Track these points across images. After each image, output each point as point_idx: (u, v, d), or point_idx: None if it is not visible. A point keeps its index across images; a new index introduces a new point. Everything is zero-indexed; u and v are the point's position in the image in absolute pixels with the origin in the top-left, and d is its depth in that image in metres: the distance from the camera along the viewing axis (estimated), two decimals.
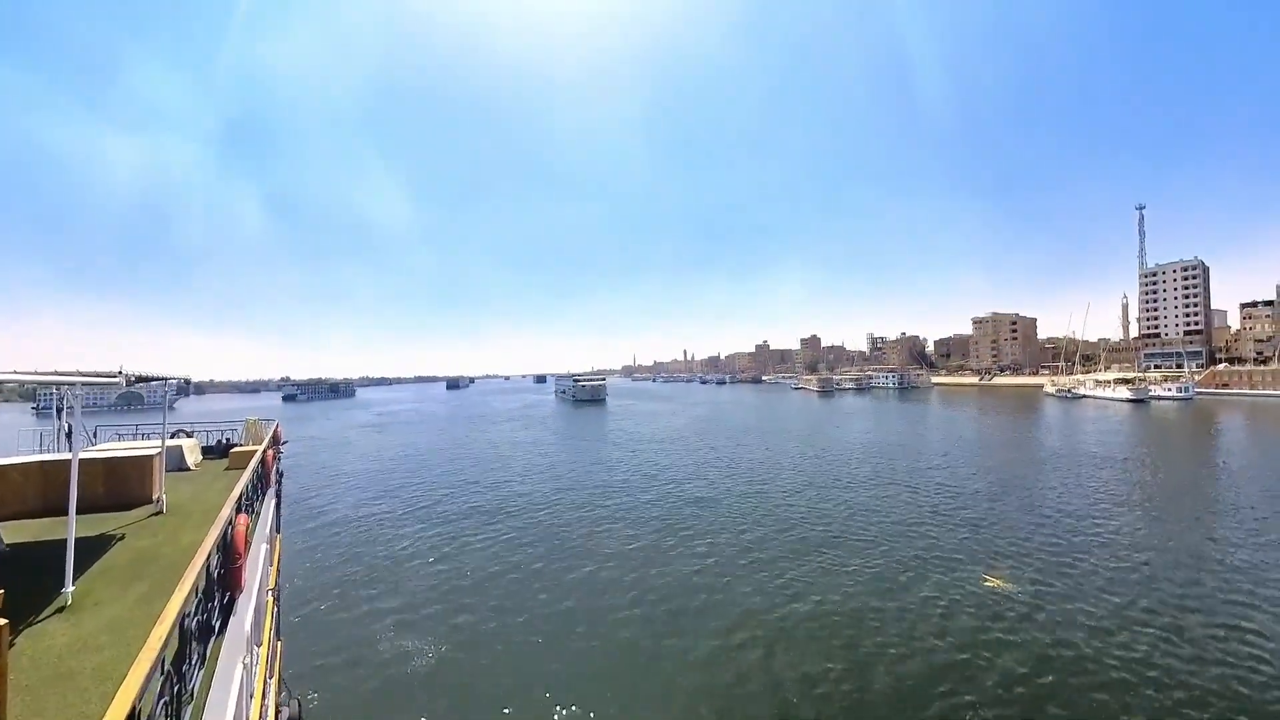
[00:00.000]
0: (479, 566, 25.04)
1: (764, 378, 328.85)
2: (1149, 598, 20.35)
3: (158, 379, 11.50)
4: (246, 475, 10.73)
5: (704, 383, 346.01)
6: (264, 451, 14.82)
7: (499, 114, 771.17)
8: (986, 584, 21.71)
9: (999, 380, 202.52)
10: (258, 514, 11.85)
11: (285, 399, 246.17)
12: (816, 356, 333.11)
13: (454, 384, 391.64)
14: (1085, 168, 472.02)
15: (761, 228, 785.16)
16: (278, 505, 17.95)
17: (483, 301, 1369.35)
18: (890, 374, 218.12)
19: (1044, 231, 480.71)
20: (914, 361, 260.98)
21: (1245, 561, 23.81)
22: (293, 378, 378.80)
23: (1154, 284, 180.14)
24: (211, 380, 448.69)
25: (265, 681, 9.73)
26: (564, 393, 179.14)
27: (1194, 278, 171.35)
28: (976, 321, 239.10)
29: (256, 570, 10.09)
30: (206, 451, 19.29)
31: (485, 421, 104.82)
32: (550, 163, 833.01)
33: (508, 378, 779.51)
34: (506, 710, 14.78)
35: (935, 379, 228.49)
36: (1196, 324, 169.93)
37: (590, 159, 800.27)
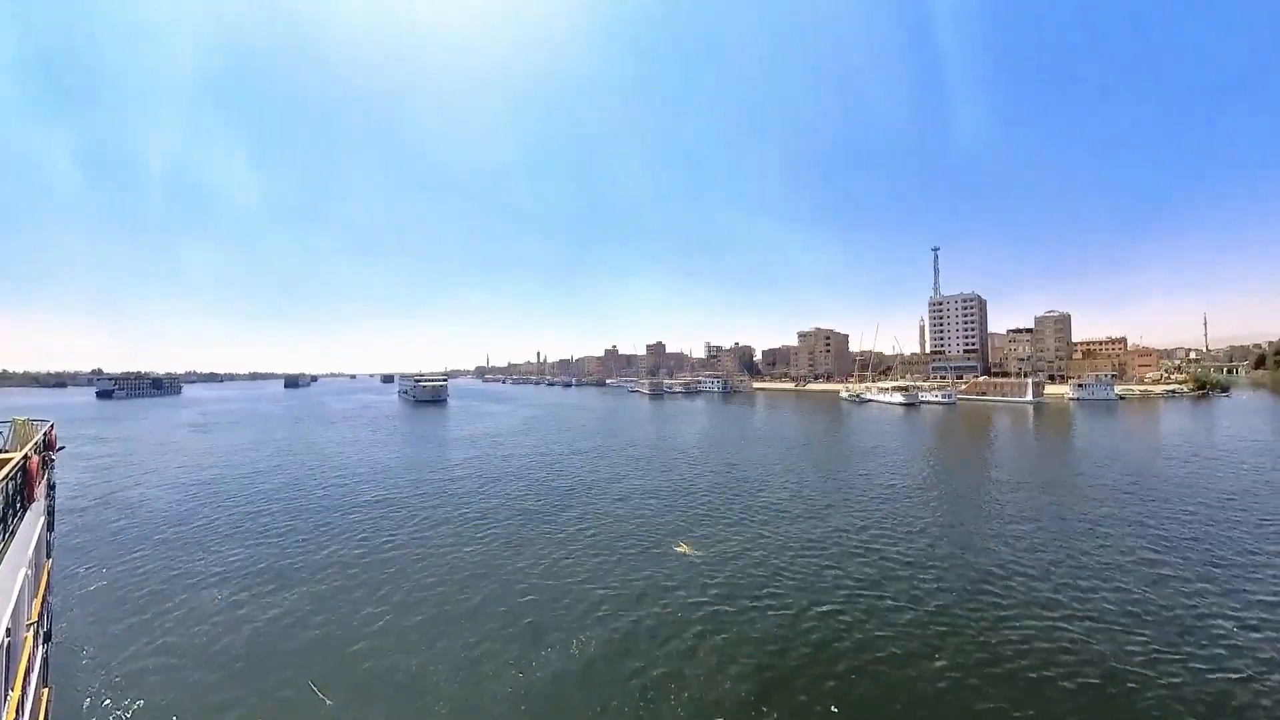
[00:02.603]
0: (289, 581, 23.87)
1: (608, 381, 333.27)
2: (822, 555, 26.20)
3: None
4: None
5: (551, 385, 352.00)
6: (24, 459, 11.29)
7: (362, 95, 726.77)
8: (678, 550, 26.62)
9: (811, 386, 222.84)
10: (12, 533, 9.55)
11: (100, 395, 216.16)
12: (659, 362, 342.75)
13: (293, 382, 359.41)
14: (909, 213, 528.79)
15: (625, 234, 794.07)
16: (49, 523, 14.92)
17: (332, 293, 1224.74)
18: (716, 379, 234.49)
19: (883, 261, 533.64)
20: (743, 369, 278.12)
21: (897, 512, 33.46)
22: (107, 370, 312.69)
23: (940, 311, 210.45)
24: (4, 371, 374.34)
25: None
26: (406, 393, 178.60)
27: (971, 307, 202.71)
28: (801, 335, 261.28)
29: (8, 602, 8.62)
30: None
31: (318, 422, 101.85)
32: (414, 151, 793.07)
33: (354, 377, 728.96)
34: None
35: (758, 384, 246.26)
36: (973, 344, 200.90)
37: (457, 152, 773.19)
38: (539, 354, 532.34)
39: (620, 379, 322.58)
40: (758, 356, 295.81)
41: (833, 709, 14.62)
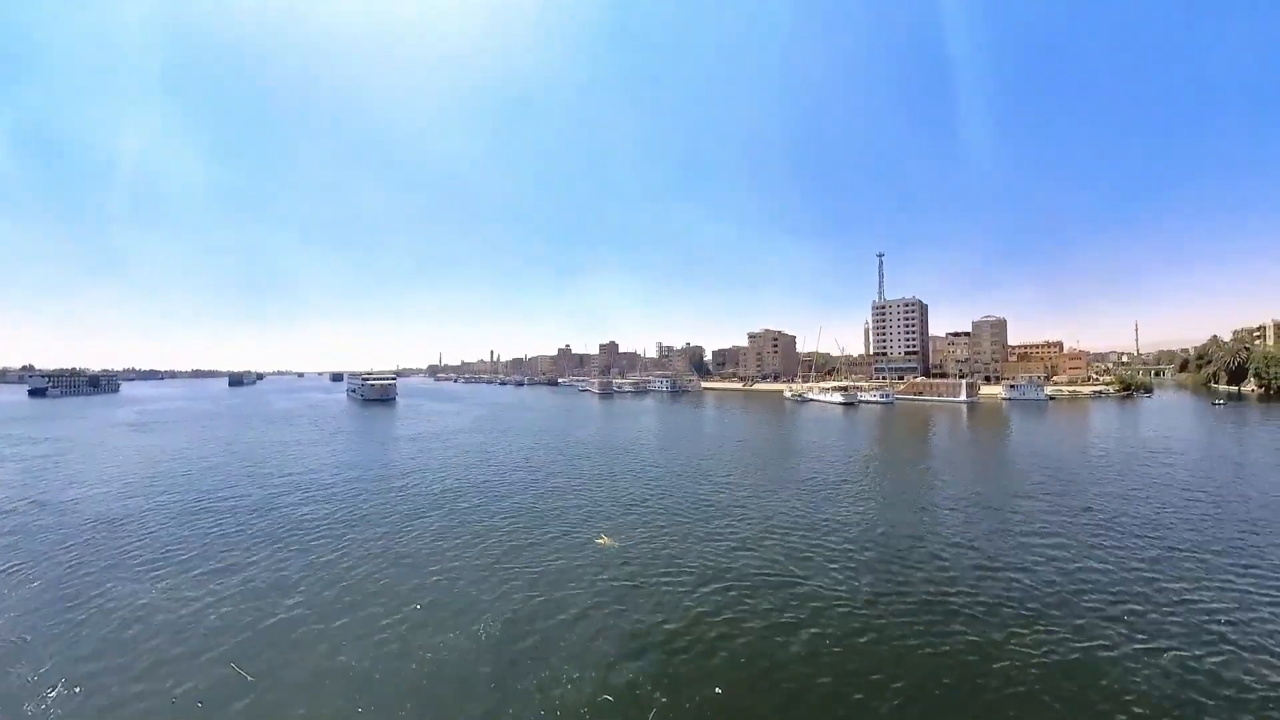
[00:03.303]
0: (219, 576, 24.20)
1: (560, 380, 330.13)
2: (733, 540, 28.56)
3: None
4: None
5: (503, 384, 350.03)
6: None
7: (316, 83, 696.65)
8: (598, 542, 27.93)
9: (758, 386, 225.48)
10: None
11: (32, 393, 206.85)
12: (611, 361, 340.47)
13: (237, 380, 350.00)
14: (862, 218, 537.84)
15: (582, 234, 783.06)
16: None
17: (281, 288, 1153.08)
18: (665, 379, 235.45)
19: (836, 265, 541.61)
20: (693, 369, 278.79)
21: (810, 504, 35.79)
22: (39, 367, 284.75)
23: (883, 315, 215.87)
24: None
25: None
26: (354, 392, 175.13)
27: (912, 312, 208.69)
28: (751, 336, 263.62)
29: None
30: None
31: (260, 421, 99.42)
32: (369, 144, 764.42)
33: (302, 375, 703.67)
34: None
35: (707, 384, 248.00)
36: (914, 346, 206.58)
37: (412, 146, 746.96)
38: (492, 353, 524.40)
39: (572, 378, 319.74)
40: (708, 357, 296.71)
41: (716, 690, 15.56)
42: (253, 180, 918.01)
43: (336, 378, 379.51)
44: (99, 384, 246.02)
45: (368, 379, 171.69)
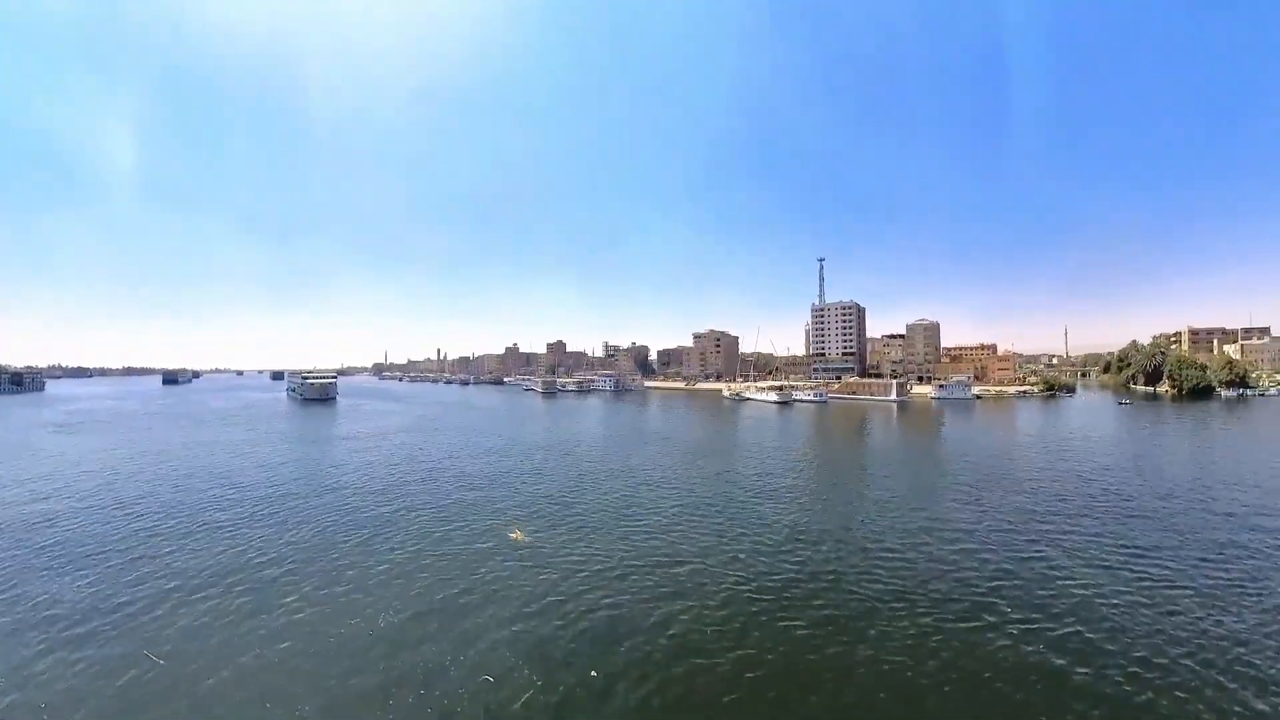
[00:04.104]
0: (137, 578, 24.40)
1: (506, 379, 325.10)
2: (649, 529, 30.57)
3: None
4: None
5: (448, 383, 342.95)
6: None
7: (253, 66, 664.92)
8: (510, 536, 29.13)
9: (701, 385, 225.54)
10: None
11: None
12: (558, 360, 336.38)
13: (172, 378, 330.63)
14: (810, 222, 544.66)
15: (532, 233, 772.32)
16: None
17: (220, 282, 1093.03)
18: (609, 378, 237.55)
19: (783, 266, 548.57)
20: (638, 368, 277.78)
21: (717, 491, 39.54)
22: None
23: (822, 317, 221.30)
24: None
25: None
26: (293, 391, 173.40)
27: (849, 314, 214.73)
28: (696, 336, 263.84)
29: None
30: None
31: (192, 422, 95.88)
32: (307, 132, 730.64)
33: (241, 373, 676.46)
34: None
35: (651, 383, 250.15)
36: (851, 348, 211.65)
37: (355, 136, 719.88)
38: (439, 351, 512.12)
39: (518, 377, 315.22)
40: (654, 356, 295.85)
41: (591, 673, 16.48)
42: (188, 166, 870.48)
43: (277, 376, 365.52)
44: (22, 382, 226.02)
45: (307, 378, 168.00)
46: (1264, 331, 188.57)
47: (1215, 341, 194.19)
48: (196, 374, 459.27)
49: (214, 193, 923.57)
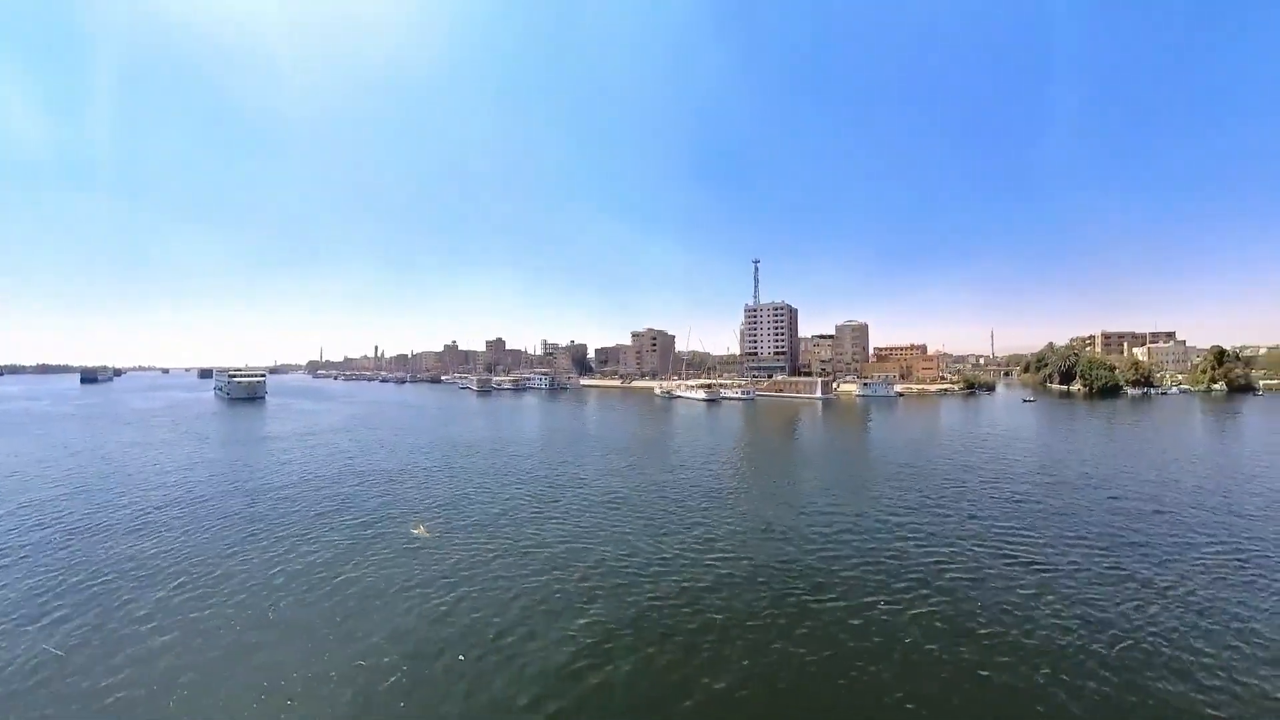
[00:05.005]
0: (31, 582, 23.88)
1: (443, 377, 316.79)
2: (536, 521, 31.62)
3: None
4: None
5: (384, 381, 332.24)
6: None
7: (184, 44, 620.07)
8: (414, 531, 29.47)
9: (636, 384, 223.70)
10: None
11: None
12: (497, 358, 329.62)
13: (91, 376, 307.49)
14: (750, 223, 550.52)
15: (473, 229, 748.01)
16: None
17: (144, 273, 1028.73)
18: (544, 376, 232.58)
19: (724, 265, 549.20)
20: (576, 366, 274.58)
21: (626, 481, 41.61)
22: None
23: (755, 317, 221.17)
24: None
25: None
26: (220, 390, 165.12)
27: (781, 314, 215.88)
28: (634, 335, 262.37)
29: None
30: None
31: (111, 423, 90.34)
32: (239, 112, 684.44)
33: (167, 371, 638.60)
34: None
35: (588, 381, 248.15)
36: (782, 347, 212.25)
37: (294, 122, 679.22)
38: (377, 348, 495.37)
39: (456, 375, 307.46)
40: (591, 354, 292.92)
41: (459, 656, 17.35)
42: (108, 148, 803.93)
43: (205, 374, 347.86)
44: None
45: (234, 376, 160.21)
46: (1170, 336, 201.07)
47: (1126, 344, 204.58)
48: (119, 372, 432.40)
49: (138, 178, 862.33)
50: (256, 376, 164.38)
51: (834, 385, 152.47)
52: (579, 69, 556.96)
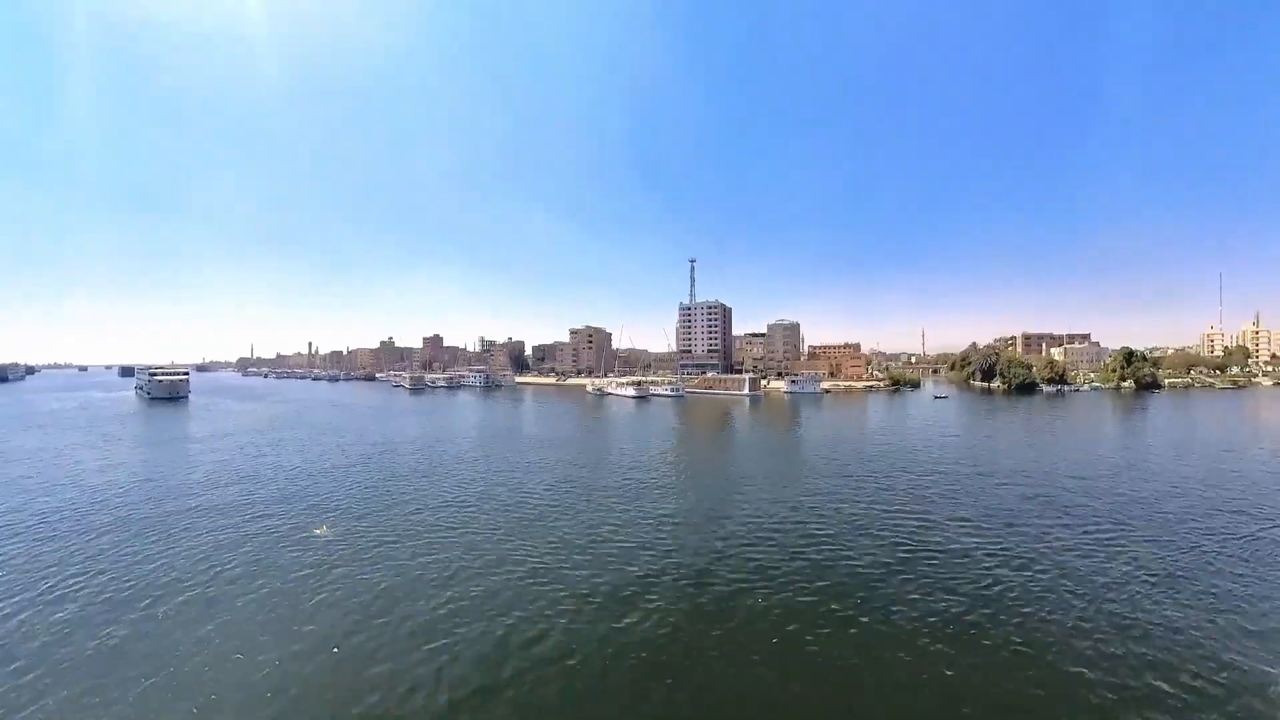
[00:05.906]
0: None
1: (378, 375, 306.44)
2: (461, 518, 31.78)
3: None
4: None
5: (316, 379, 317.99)
6: None
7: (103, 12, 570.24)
8: (316, 532, 29.57)
9: (571, 381, 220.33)
10: None
11: None
12: (434, 355, 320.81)
13: (0, 374, 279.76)
14: (690, 223, 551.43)
15: (411, 224, 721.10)
16: None
17: (59, 262, 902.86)
18: (479, 373, 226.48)
19: (661, 263, 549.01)
20: (514, 363, 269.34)
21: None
22: None
23: (689, 316, 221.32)
24: None
25: None
26: (141, 389, 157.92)
27: (715, 313, 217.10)
28: (572, 332, 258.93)
29: None
30: None
31: (18, 425, 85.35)
32: (167, 91, 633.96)
33: (84, 368, 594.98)
34: None
35: (524, 379, 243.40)
36: (715, 345, 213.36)
37: (222, 101, 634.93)
38: (311, 345, 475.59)
39: (391, 373, 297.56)
40: (529, 351, 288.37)
41: (334, 649, 17.54)
42: (14, 125, 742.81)
43: (127, 372, 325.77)
44: None
45: (155, 375, 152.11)
46: (1084, 337, 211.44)
47: (1045, 345, 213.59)
48: (31, 369, 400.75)
49: (43, 160, 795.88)
50: (179, 375, 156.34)
51: (763, 383, 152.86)
52: (519, 62, 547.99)
